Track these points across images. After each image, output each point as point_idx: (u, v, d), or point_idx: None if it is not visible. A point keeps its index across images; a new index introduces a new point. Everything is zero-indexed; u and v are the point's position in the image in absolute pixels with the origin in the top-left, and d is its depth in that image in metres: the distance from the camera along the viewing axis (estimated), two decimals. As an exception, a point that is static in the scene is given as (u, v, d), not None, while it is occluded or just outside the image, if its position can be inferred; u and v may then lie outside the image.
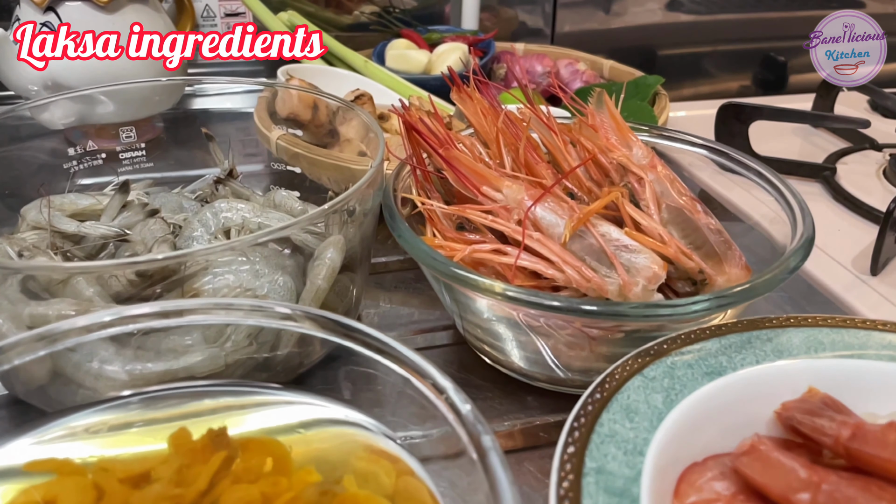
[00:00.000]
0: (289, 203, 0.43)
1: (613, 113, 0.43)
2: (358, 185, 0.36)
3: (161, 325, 0.30)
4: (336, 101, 0.48)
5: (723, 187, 0.58)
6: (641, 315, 0.31)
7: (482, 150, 0.45)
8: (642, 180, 0.40)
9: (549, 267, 0.36)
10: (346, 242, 0.39)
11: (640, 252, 0.36)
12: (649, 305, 0.32)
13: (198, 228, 0.41)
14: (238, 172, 0.50)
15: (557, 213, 0.38)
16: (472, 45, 0.74)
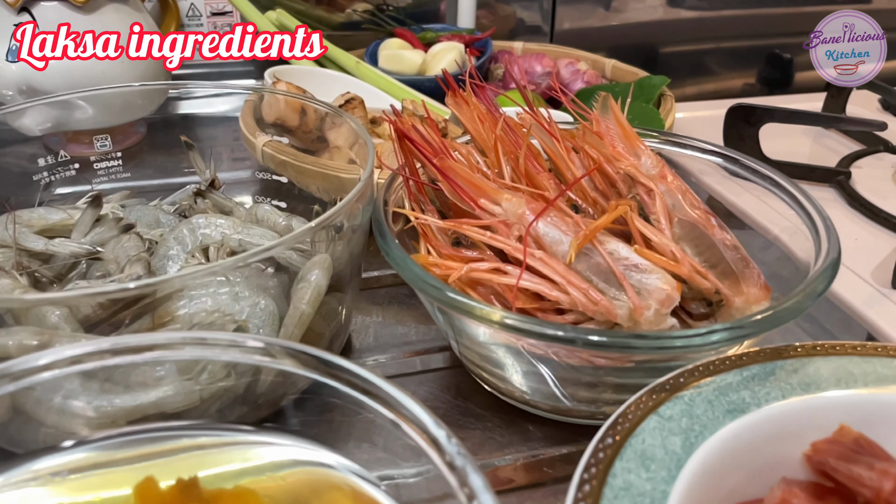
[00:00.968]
0: (272, 218, 0.40)
1: (620, 119, 0.41)
2: (346, 201, 0.33)
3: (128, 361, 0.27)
4: (324, 107, 0.45)
5: (732, 193, 0.55)
6: (655, 348, 0.29)
7: (479, 158, 0.42)
8: (652, 192, 0.37)
9: (552, 288, 0.33)
10: (333, 261, 0.36)
11: (652, 272, 0.33)
12: (663, 337, 0.29)
13: (173, 247, 0.38)
14: (220, 182, 0.47)
15: (561, 229, 0.35)
16: (468, 44, 0.71)
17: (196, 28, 0.76)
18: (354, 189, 0.34)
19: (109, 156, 0.49)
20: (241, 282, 0.36)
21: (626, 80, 0.68)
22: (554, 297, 0.33)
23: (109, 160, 0.49)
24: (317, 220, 0.32)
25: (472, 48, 0.72)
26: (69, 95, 0.52)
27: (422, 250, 0.38)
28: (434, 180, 0.40)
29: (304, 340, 0.35)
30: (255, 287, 0.36)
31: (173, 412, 0.31)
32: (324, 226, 0.33)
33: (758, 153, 0.58)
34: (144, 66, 0.64)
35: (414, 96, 0.63)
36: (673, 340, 0.29)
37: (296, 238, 0.31)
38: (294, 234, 0.31)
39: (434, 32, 0.74)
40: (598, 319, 0.33)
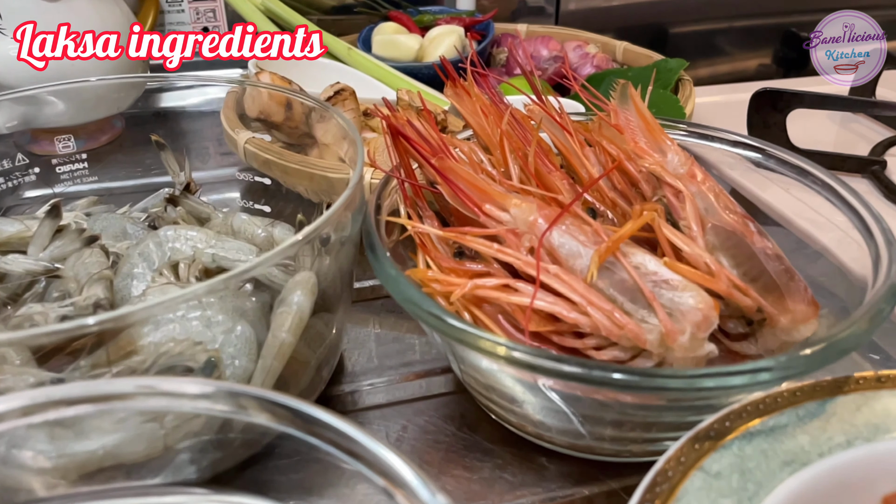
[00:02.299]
0: (249, 229, 0.35)
1: (642, 110, 0.36)
2: (331, 211, 0.29)
3: (76, 413, 0.23)
4: (309, 101, 0.40)
5: (758, 187, 0.51)
6: (693, 388, 0.24)
7: (483, 156, 0.38)
8: (681, 194, 0.33)
9: (570, 309, 0.29)
10: (320, 278, 0.32)
11: (685, 289, 0.29)
12: (701, 376, 0.25)
13: (138, 264, 0.33)
14: (196, 186, 0.43)
15: (579, 240, 0.31)
16: (468, 27, 0.67)
17: (177, 13, 0.71)
18: (341, 197, 0.30)
19: (74, 157, 0.45)
20: (214, 304, 0.31)
21: (639, 63, 0.63)
22: (572, 319, 0.29)
23: (74, 162, 0.45)
24: (298, 234, 0.28)
25: (472, 31, 0.67)
26: (37, 90, 0.47)
27: (420, 263, 0.34)
28: (433, 182, 0.36)
29: (288, 371, 0.30)
30: (230, 310, 0.31)
31: (134, 462, 0.27)
32: (308, 240, 0.29)
33: (785, 142, 0.54)
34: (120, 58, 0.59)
35: (410, 85, 0.58)
36: (713, 380, 0.24)
37: (274, 258, 0.27)
38: (272, 254, 0.27)
39: (432, 15, 0.69)
40: (622, 344, 0.29)
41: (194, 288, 0.26)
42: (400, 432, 0.34)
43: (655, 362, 0.29)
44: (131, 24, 0.62)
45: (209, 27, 0.73)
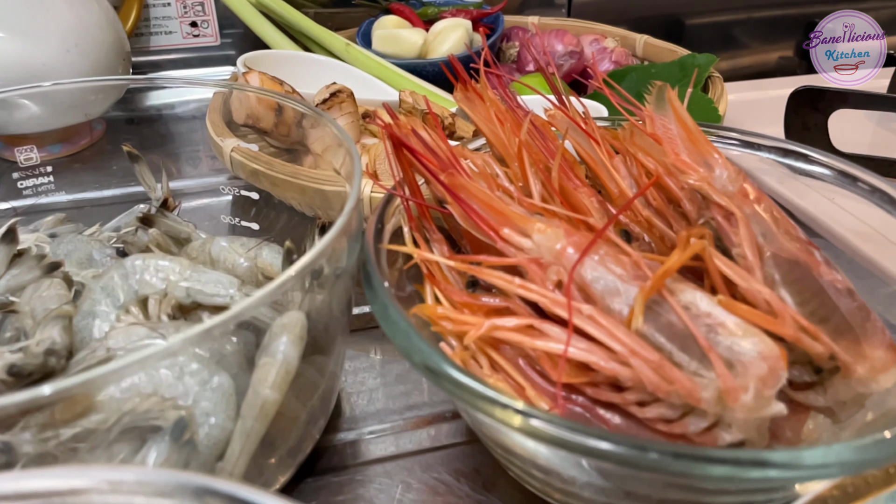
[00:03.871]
0: (230, 258, 0.31)
1: (682, 116, 0.31)
2: (323, 244, 0.24)
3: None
4: (301, 107, 0.36)
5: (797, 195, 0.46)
6: (764, 479, 0.19)
7: (499, 169, 0.33)
8: (733, 217, 0.28)
9: (608, 358, 0.24)
10: (311, 318, 0.27)
11: (745, 334, 0.24)
12: (781, 465, 0.20)
13: (101, 300, 0.29)
14: (175, 203, 0.38)
15: (615, 273, 0.26)
16: (476, 20, 0.62)
17: (163, 7, 0.67)
18: (336, 225, 0.25)
19: (37, 171, 0.40)
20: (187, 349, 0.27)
21: (661, 58, 0.59)
22: (610, 369, 0.24)
23: (38, 176, 0.40)
24: (283, 275, 0.23)
25: (480, 25, 0.62)
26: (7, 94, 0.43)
27: (427, 297, 0.29)
28: (442, 200, 0.31)
29: (273, 429, 0.26)
30: (206, 356, 0.27)
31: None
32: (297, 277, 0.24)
33: (827, 145, 0.49)
34: (96, 56, 0.55)
35: (414, 85, 0.53)
36: (795, 470, 0.20)
37: (251, 308, 0.22)
38: (252, 302, 0.22)
39: (436, 7, 0.64)
40: (671, 401, 0.24)
41: (164, 346, 0.21)
42: (404, 493, 0.29)
43: (710, 422, 0.24)
44: (112, 21, 0.58)
45: (197, 22, 0.68)
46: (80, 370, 0.27)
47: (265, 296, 0.22)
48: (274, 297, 0.23)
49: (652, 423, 0.25)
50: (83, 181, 0.50)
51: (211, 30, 0.70)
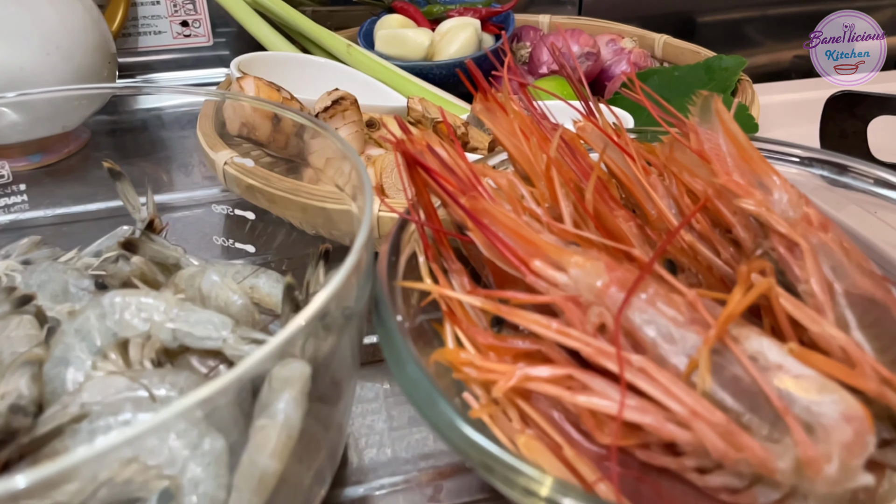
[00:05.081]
0: (223, 295, 0.27)
1: (732, 130, 0.28)
2: (331, 291, 0.21)
3: None
4: (300, 118, 0.32)
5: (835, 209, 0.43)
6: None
7: (524, 189, 0.30)
8: (797, 248, 0.25)
9: (664, 419, 0.21)
10: (317, 366, 0.24)
11: (823, 391, 0.21)
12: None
13: (75, 344, 0.25)
14: (162, 224, 0.34)
15: (667, 315, 0.23)
16: (485, 19, 0.58)
17: (152, 6, 0.63)
18: (346, 265, 0.22)
19: (10, 188, 0.36)
20: (173, 399, 0.23)
21: (682, 60, 0.55)
22: (667, 432, 0.21)
23: (10, 195, 0.36)
24: (285, 332, 0.20)
25: (489, 24, 0.58)
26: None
27: (447, 338, 0.26)
28: (461, 225, 0.28)
29: (273, 500, 0.22)
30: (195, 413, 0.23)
31: None
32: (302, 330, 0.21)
33: (866, 154, 0.46)
34: (80, 59, 0.51)
35: (424, 91, 0.50)
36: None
37: (255, 367, 0.18)
38: (252, 365, 0.19)
39: (442, 6, 0.60)
40: (740, 470, 0.21)
41: (150, 424, 0.17)
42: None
43: (783, 493, 0.21)
44: (96, 20, 0.54)
45: (188, 21, 0.65)
46: (50, 429, 0.23)
47: (267, 356, 0.19)
48: (277, 354, 0.19)
49: (714, 492, 0.21)
50: (64, 195, 0.47)
51: (203, 29, 0.66)
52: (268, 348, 0.18)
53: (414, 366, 0.21)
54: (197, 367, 0.26)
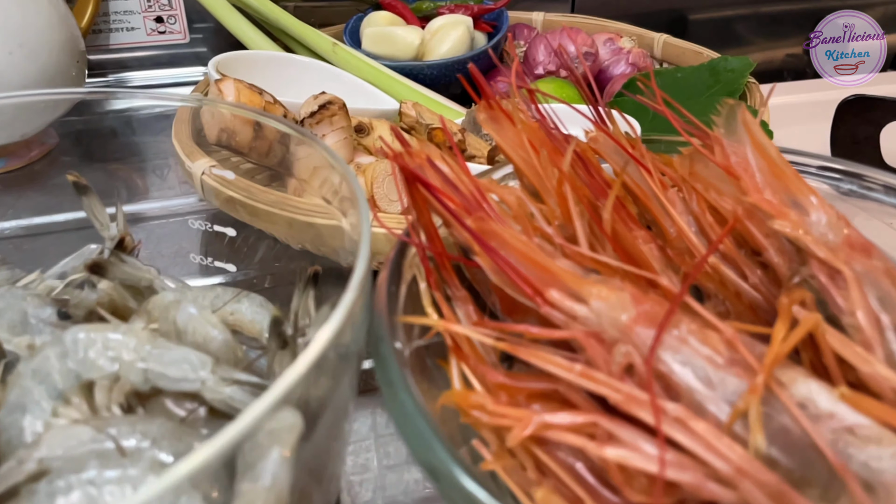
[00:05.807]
0: (201, 330, 0.24)
1: (762, 143, 0.25)
2: (327, 337, 0.18)
3: None
4: (282, 126, 0.29)
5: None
6: None
7: (533, 207, 0.27)
8: (839, 276, 0.22)
9: (704, 477, 0.18)
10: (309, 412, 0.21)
11: (882, 443, 0.18)
12: None
13: (33, 388, 0.22)
14: (133, 241, 0.31)
15: (704, 356, 0.20)
16: (477, 16, 0.55)
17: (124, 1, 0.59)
18: (341, 307, 0.19)
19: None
20: (146, 450, 0.20)
21: (683, 61, 0.53)
22: (709, 492, 0.18)
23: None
24: (273, 391, 0.17)
25: (482, 22, 0.55)
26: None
27: (453, 376, 0.23)
28: (465, 247, 0.25)
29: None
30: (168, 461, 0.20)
31: None
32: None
33: (879, 161, 0.44)
34: (46, 58, 0.47)
35: (414, 92, 0.47)
36: None
37: (249, 429, 0.16)
38: (245, 428, 0.16)
39: (432, 2, 0.57)
40: (789, 533, 0.18)
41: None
42: None
43: (838, 558, 0.19)
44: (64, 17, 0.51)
45: (163, 17, 0.61)
46: (2, 491, 0.20)
47: (259, 417, 0.16)
48: (271, 412, 0.17)
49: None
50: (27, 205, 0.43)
51: (178, 25, 0.63)
52: (255, 412, 0.16)
53: (424, 423, 0.18)
54: (172, 409, 0.23)
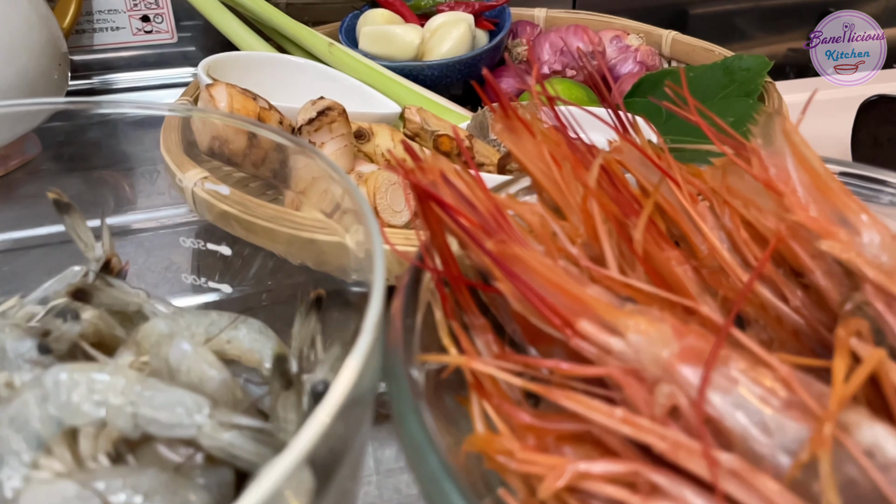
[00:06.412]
0: (196, 368, 0.22)
1: (806, 155, 0.23)
2: (342, 393, 0.16)
3: None
4: (278, 137, 0.27)
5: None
6: None
7: (555, 225, 0.25)
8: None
9: (764, 537, 0.17)
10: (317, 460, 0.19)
11: (961, 496, 0.17)
12: None
13: (11, 438, 0.20)
14: (120, 263, 0.29)
15: (757, 396, 0.18)
16: (478, 13, 0.53)
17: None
18: (355, 357, 0.17)
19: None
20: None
21: (694, 59, 0.51)
22: (769, 555, 0.16)
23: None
24: (289, 457, 0.15)
25: (483, 19, 0.53)
26: None
27: (475, 416, 0.21)
28: (483, 272, 0.23)
29: None
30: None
31: None
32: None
33: (901, 164, 0.42)
34: (25, 60, 0.45)
35: (415, 95, 0.45)
36: None
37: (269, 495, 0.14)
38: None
39: (430, -1, 0.55)
40: None
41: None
42: None
43: None
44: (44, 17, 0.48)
45: (150, 16, 0.59)
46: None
47: (272, 491, 0.14)
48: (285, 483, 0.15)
49: None
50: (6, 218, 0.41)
51: (166, 25, 0.60)
52: (266, 487, 0.13)
53: (450, 483, 0.16)
54: (166, 454, 0.21)
